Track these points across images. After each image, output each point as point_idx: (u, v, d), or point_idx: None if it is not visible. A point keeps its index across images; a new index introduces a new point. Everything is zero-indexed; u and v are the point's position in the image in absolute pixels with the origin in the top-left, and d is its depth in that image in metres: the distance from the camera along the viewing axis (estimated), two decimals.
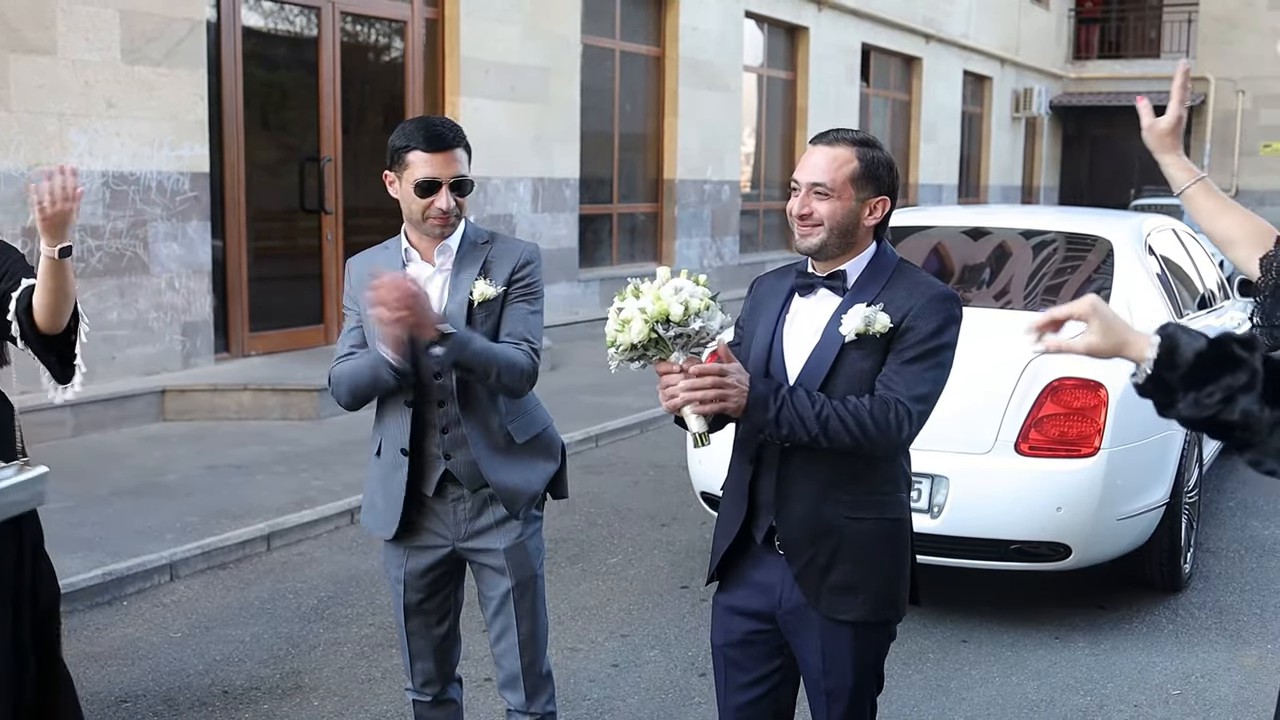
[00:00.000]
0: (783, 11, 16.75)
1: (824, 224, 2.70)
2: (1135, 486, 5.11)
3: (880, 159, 2.74)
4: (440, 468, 3.13)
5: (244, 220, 9.53)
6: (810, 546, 2.73)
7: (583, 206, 13.32)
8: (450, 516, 3.19)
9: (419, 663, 3.32)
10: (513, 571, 3.19)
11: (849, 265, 2.75)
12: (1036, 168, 27.86)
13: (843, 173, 2.70)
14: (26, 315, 3.15)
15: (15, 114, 7.78)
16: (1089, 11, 30.13)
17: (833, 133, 2.78)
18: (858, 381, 2.68)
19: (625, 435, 8.72)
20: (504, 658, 3.26)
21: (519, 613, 3.21)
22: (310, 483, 6.97)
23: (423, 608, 3.27)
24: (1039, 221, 6.84)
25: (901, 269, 2.77)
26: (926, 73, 21.43)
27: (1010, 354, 5.13)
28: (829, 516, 2.72)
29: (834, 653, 2.77)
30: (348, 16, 10.48)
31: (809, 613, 2.76)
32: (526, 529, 3.21)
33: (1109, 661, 4.85)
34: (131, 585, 5.48)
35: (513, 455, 3.15)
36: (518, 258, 3.13)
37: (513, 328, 3.08)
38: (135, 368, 8.56)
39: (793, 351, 2.77)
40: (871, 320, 2.65)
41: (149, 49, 8.50)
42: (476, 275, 3.09)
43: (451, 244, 3.12)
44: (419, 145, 3.02)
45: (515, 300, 3.11)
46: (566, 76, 12.74)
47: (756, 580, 2.83)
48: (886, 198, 2.75)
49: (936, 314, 2.68)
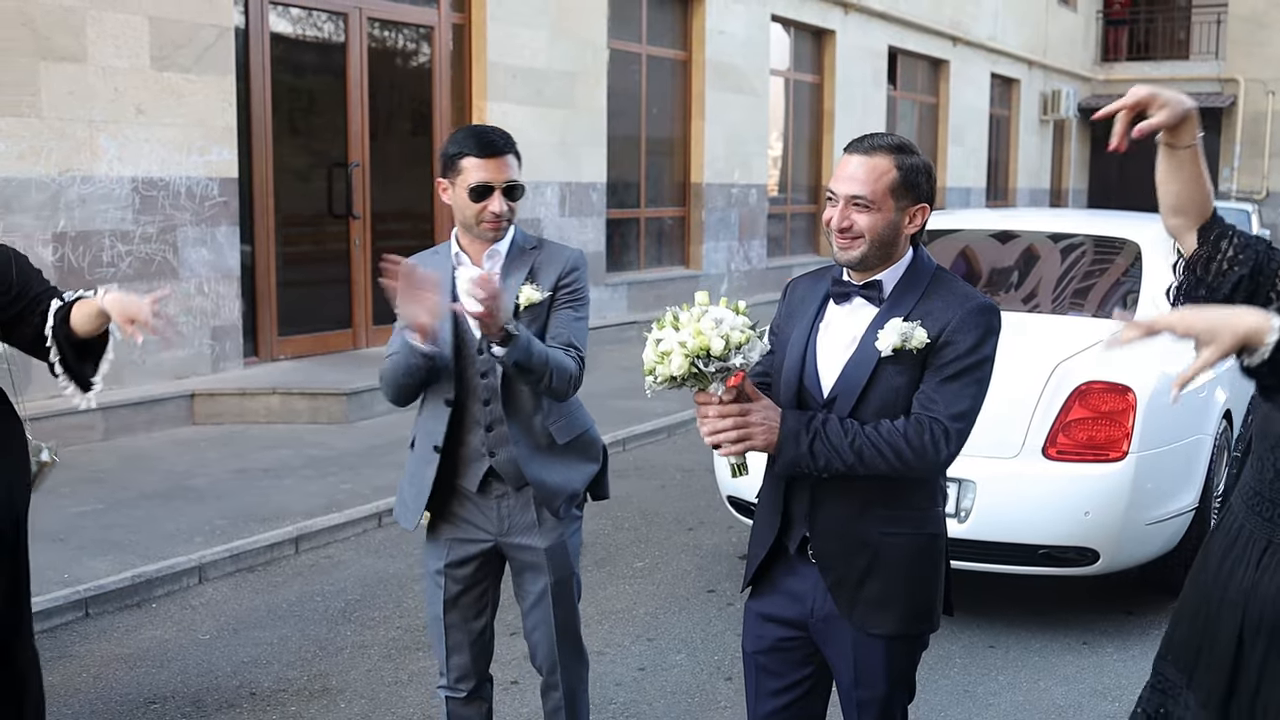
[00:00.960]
0: (809, 15, 16.73)
1: (864, 237, 2.63)
2: (1164, 491, 5.07)
3: (919, 165, 2.66)
4: (484, 464, 3.21)
5: (272, 225, 9.59)
6: (844, 560, 2.70)
7: (610, 211, 13.34)
8: (494, 512, 3.26)
9: (455, 657, 3.35)
10: (552, 570, 3.27)
11: (885, 274, 2.69)
12: (1065, 170, 27.71)
13: (883, 183, 2.62)
14: (64, 331, 3.20)
15: (46, 120, 7.85)
16: (1117, 13, 29.94)
17: (868, 139, 2.69)
18: (893, 397, 2.64)
19: (652, 439, 8.72)
20: (539, 646, 3.35)
21: (557, 605, 3.29)
22: (338, 486, 7.00)
23: (461, 601, 3.32)
24: (1066, 224, 6.81)
25: (939, 278, 2.72)
26: (954, 75, 21.36)
27: (1038, 358, 5.12)
28: (864, 531, 2.69)
29: (866, 664, 2.75)
30: (375, 22, 10.54)
31: (841, 623, 2.74)
32: (567, 528, 3.29)
33: (1137, 667, 4.82)
34: (161, 587, 5.52)
35: (554, 455, 3.23)
36: (564, 264, 3.22)
37: (558, 333, 3.16)
38: (165, 372, 8.63)
39: (826, 361, 2.73)
40: (909, 336, 2.60)
41: (178, 55, 8.57)
42: (523, 280, 3.17)
43: (500, 248, 3.20)
44: (472, 152, 3.10)
45: (561, 306, 3.19)
46: (593, 81, 12.77)
47: (789, 588, 2.82)
48: (926, 205, 2.68)
49: (975, 327, 2.62)
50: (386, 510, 6.63)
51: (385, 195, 10.64)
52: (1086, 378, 4.96)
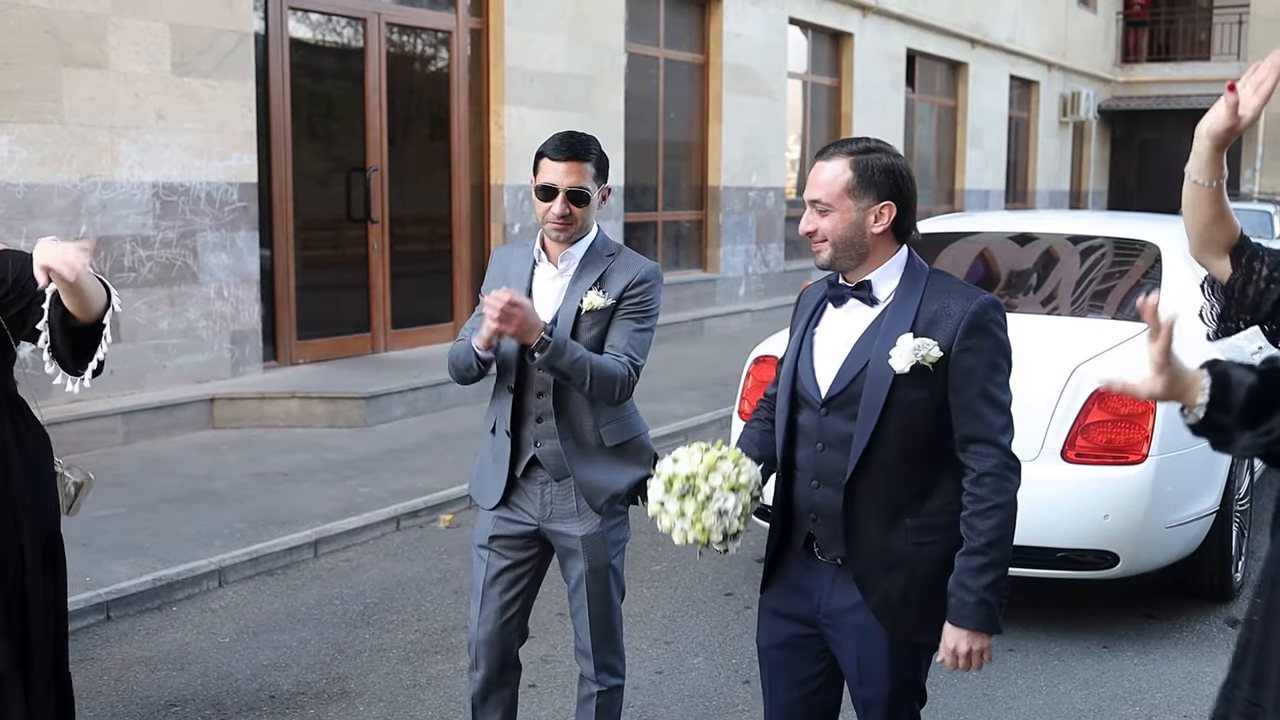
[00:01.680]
0: (827, 17, 16.71)
1: (827, 240, 2.70)
2: (1184, 494, 5.05)
3: (877, 164, 2.68)
4: (530, 452, 3.36)
5: (291, 230, 9.63)
6: (884, 579, 2.73)
7: (627, 214, 13.34)
8: (539, 498, 3.40)
9: (483, 628, 3.44)
10: (588, 558, 3.39)
11: (874, 275, 2.73)
12: (1084, 172, 27.60)
13: (837, 185, 2.68)
14: (61, 322, 3.17)
15: (68, 126, 7.91)
16: (1137, 14, 29.81)
17: (832, 146, 2.76)
18: (913, 412, 2.66)
19: (671, 442, 8.71)
20: (579, 630, 3.48)
21: (591, 595, 3.42)
22: (357, 490, 7.02)
23: (501, 576, 3.44)
24: (1086, 226, 6.77)
25: (935, 279, 2.74)
26: (972, 78, 21.30)
27: (1057, 360, 5.10)
28: (898, 546, 2.71)
29: (869, 663, 2.77)
30: (393, 27, 10.57)
31: (847, 619, 2.77)
32: (608, 522, 3.40)
33: (1158, 671, 4.80)
34: (181, 591, 5.55)
35: (602, 455, 3.35)
36: (634, 274, 3.31)
37: (616, 341, 3.27)
38: (185, 376, 8.67)
39: (823, 363, 2.77)
40: (923, 353, 2.63)
41: (198, 61, 8.62)
42: (592, 284, 3.28)
43: (576, 252, 3.33)
44: (548, 153, 3.26)
45: (625, 315, 3.30)
46: (611, 85, 12.78)
47: (797, 584, 2.86)
48: (890, 202, 2.69)
49: (984, 329, 2.66)
50: (405, 514, 6.65)
51: (403, 200, 10.67)
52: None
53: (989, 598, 2.63)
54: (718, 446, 2.74)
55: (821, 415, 2.74)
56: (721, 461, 2.69)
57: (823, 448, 2.74)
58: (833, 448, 2.72)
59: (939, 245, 6.62)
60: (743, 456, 2.74)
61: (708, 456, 2.70)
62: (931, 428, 2.68)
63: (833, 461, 2.72)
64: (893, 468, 2.68)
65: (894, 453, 2.67)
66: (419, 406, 8.93)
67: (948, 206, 20.94)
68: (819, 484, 2.75)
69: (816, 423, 2.75)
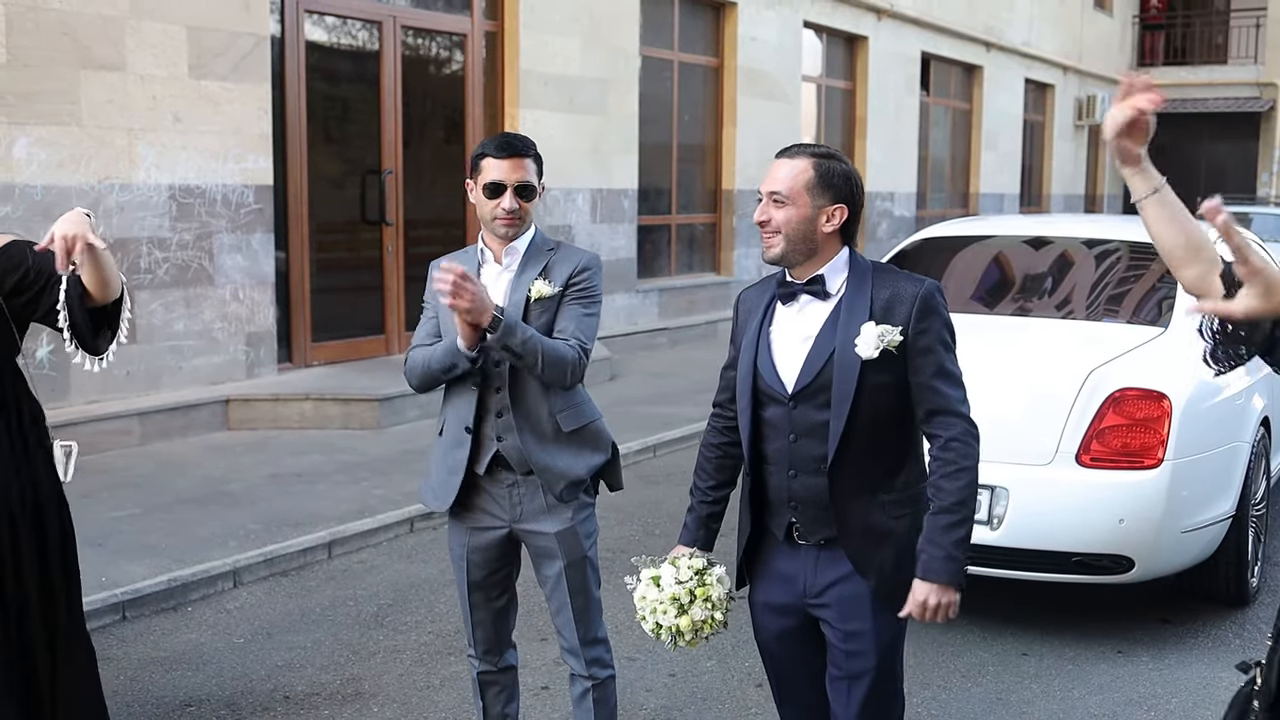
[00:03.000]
0: (841, 21, 16.70)
1: (781, 230, 2.83)
2: (1200, 498, 5.03)
3: (837, 169, 2.85)
4: (492, 449, 3.39)
5: (306, 232, 9.66)
6: (876, 553, 2.85)
7: (641, 217, 13.35)
8: (505, 500, 3.44)
9: (479, 631, 3.58)
10: (564, 553, 3.44)
11: (825, 270, 2.86)
12: (1100, 176, 27.51)
13: (799, 181, 2.83)
14: (80, 301, 3.23)
15: (86, 129, 7.94)
16: (1154, 18, 29.72)
17: (795, 147, 2.93)
18: (881, 395, 2.80)
19: (683, 445, 8.72)
20: (564, 629, 3.52)
21: (571, 589, 3.46)
22: (371, 491, 7.04)
23: (484, 584, 3.53)
24: (1100, 230, 6.76)
25: (879, 270, 2.88)
26: (987, 81, 21.26)
27: (1071, 364, 5.09)
28: (881, 521, 2.85)
29: (857, 636, 2.87)
30: (409, 30, 10.60)
31: (829, 593, 2.89)
32: (577, 514, 3.46)
33: (1173, 676, 4.78)
34: (196, 591, 5.57)
35: (559, 442, 3.40)
36: (577, 263, 3.42)
37: (564, 325, 3.36)
38: (201, 377, 8.70)
39: (784, 357, 2.89)
40: (886, 338, 2.76)
41: (215, 64, 8.65)
42: (537, 275, 3.37)
43: (519, 246, 3.42)
44: (490, 152, 3.37)
45: (570, 301, 3.39)
46: (625, 88, 12.79)
47: (781, 572, 2.98)
48: (844, 205, 2.84)
49: (933, 312, 2.80)
50: (419, 515, 6.66)
51: (418, 202, 10.69)
52: (1121, 384, 4.93)
53: (956, 554, 2.77)
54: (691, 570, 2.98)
55: (790, 408, 2.86)
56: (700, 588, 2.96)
57: (795, 438, 2.86)
58: (806, 437, 2.85)
59: (954, 249, 6.61)
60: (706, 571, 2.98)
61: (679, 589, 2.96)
62: (895, 408, 2.83)
63: (808, 449, 2.85)
64: (867, 449, 2.83)
65: (867, 434, 2.82)
66: (433, 409, 8.87)
67: (962, 210, 20.90)
68: (796, 473, 2.88)
69: (786, 415, 2.87)
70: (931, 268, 6.50)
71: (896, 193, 18.52)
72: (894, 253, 6.75)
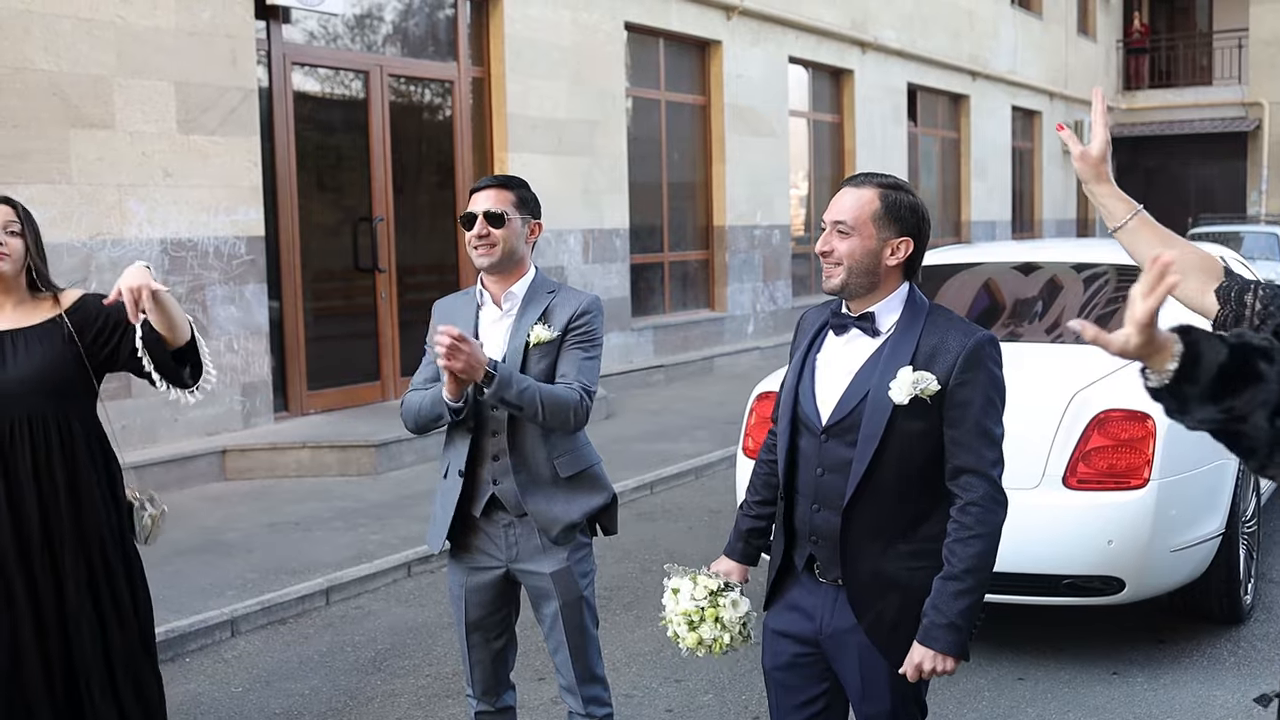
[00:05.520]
0: (826, 55, 16.85)
1: (844, 263, 2.76)
2: (1188, 517, 5.05)
3: (904, 201, 2.78)
4: (488, 492, 3.43)
5: (300, 281, 9.73)
6: (879, 600, 2.80)
7: (633, 256, 13.42)
8: (502, 540, 3.47)
9: (478, 670, 3.60)
10: (560, 593, 3.46)
11: (877, 307, 2.81)
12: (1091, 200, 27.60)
13: (865, 211, 2.76)
14: (159, 344, 3.52)
15: (76, 186, 8.02)
16: (1137, 42, 29.94)
17: (862, 175, 2.85)
18: (910, 443, 2.74)
19: (680, 482, 8.75)
20: (561, 667, 3.55)
21: (568, 628, 3.49)
22: (368, 537, 7.06)
23: (482, 624, 3.55)
24: (1087, 254, 6.81)
25: (935, 313, 2.81)
26: (974, 110, 21.41)
27: (1056, 387, 5.12)
28: (892, 570, 2.78)
29: (872, 682, 2.83)
30: (396, 79, 10.71)
31: (847, 638, 2.83)
32: (573, 555, 3.47)
33: (1169, 696, 4.79)
34: (194, 642, 5.59)
35: (556, 487, 3.42)
36: (576, 306, 3.43)
37: (565, 369, 3.38)
38: (197, 428, 8.74)
39: (824, 390, 2.85)
40: (921, 385, 2.70)
41: (204, 118, 8.74)
42: (536, 320, 3.39)
43: (518, 291, 3.45)
44: (474, 188, 3.48)
45: (571, 346, 3.40)
46: (613, 128, 12.90)
47: (800, 604, 2.93)
48: (909, 239, 2.79)
49: (980, 364, 2.73)
50: (416, 560, 6.68)
51: (410, 248, 10.77)
52: (1105, 406, 4.96)
53: (960, 623, 2.69)
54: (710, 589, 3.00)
55: (822, 441, 2.81)
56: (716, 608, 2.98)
57: (822, 472, 2.82)
58: (832, 472, 2.80)
59: (943, 277, 6.66)
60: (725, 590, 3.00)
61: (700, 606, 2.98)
62: (927, 458, 2.75)
63: (832, 485, 2.80)
64: (889, 494, 2.76)
65: (891, 480, 2.75)
66: (430, 453, 8.97)
67: (954, 239, 20.99)
68: (819, 507, 2.83)
69: (817, 448, 2.82)
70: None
71: None
72: None
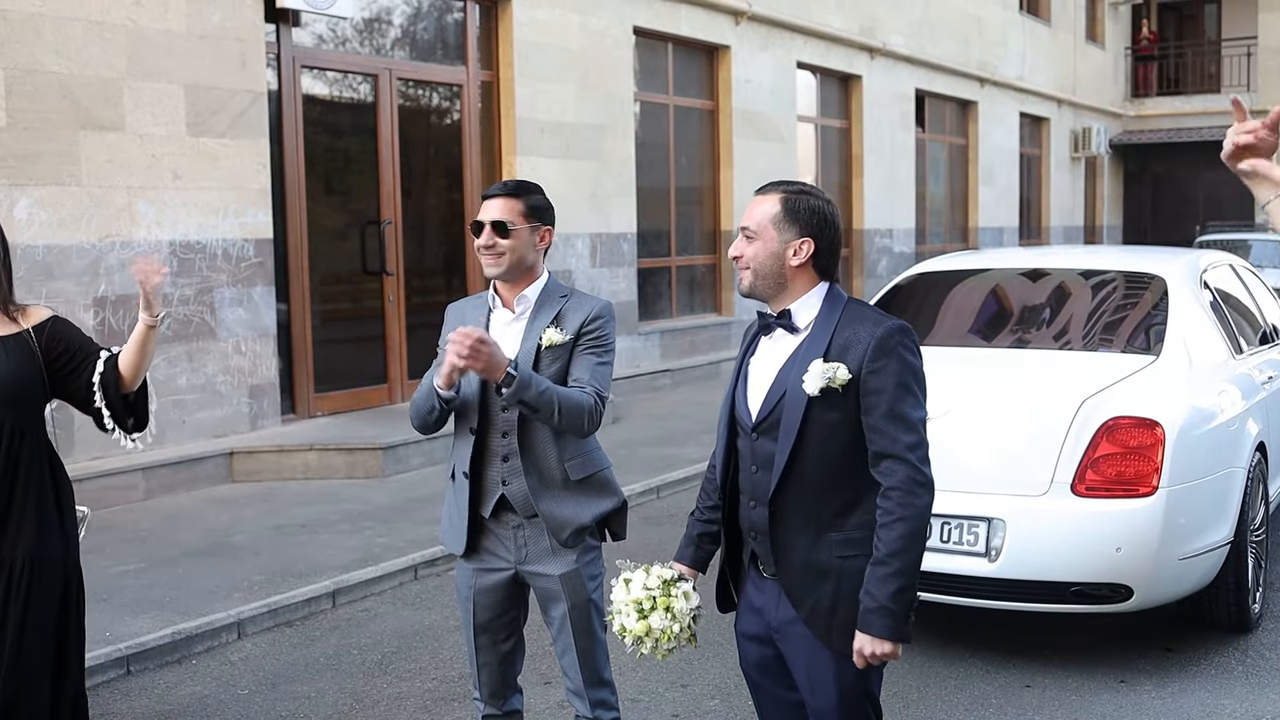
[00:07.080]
0: (835, 61, 16.85)
1: (750, 266, 2.90)
2: (1197, 525, 5.04)
3: (804, 204, 2.89)
4: (497, 493, 3.42)
5: (307, 284, 9.74)
6: (814, 591, 2.86)
7: (641, 260, 13.43)
8: (511, 541, 3.46)
9: (484, 673, 3.59)
10: (569, 596, 3.46)
11: (794, 306, 2.91)
12: (1098, 207, 27.62)
13: (766, 216, 2.89)
14: (115, 385, 3.55)
15: (86, 188, 8.04)
16: (1146, 49, 29.91)
17: (771, 184, 2.97)
18: (828, 433, 2.81)
19: (686, 486, 8.74)
20: (569, 670, 3.54)
21: (576, 631, 3.48)
22: (375, 540, 7.06)
23: (490, 626, 3.54)
24: (1094, 261, 6.81)
25: (851, 308, 2.91)
26: (982, 116, 21.41)
27: (1064, 394, 5.12)
28: (825, 560, 2.85)
29: (817, 674, 2.89)
30: (405, 82, 10.73)
31: (792, 630, 2.91)
32: (582, 557, 3.47)
33: (1177, 705, 4.78)
34: (200, 644, 5.59)
35: (567, 490, 3.42)
36: (589, 311, 3.44)
37: (579, 374, 3.38)
38: (204, 431, 8.75)
39: (754, 389, 2.97)
40: (832, 375, 2.78)
41: (213, 121, 8.76)
42: (549, 323, 3.40)
43: (530, 295, 3.45)
44: (485, 195, 3.47)
45: (584, 350, 3.41)
46: (621, 133, 12.91)
47: (751, 603, 3.04)
48: (810, 239, 2.88)
49: (889, 352, 2.79)
50: (423, 562, 6.68)
51: (418, 251, 10.78)
52: (1114, 413, 4.95)
53: (892, 606, 2.74)
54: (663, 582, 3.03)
55: (753, 439, 2.92)
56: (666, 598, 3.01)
57: (755, 469, 2.92)
58: (763, 469, 2.90)
59: (951, 283, 6.66)
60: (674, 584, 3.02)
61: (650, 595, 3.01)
62: (848, 447, 2.83)
63: (763, 481, 2.90)
64: (813, 485, 2.84)
65: (814, 471, 2.84)
66: (436, 456, 8.97)
67: (961, 245, 20.98)
68: (754, 504, 2.93)
69: (750, 446, 2.94)
70: (926, 302, 6.56)
71: (895, 229, 18.61)
72: (888, 288, 6.80)
